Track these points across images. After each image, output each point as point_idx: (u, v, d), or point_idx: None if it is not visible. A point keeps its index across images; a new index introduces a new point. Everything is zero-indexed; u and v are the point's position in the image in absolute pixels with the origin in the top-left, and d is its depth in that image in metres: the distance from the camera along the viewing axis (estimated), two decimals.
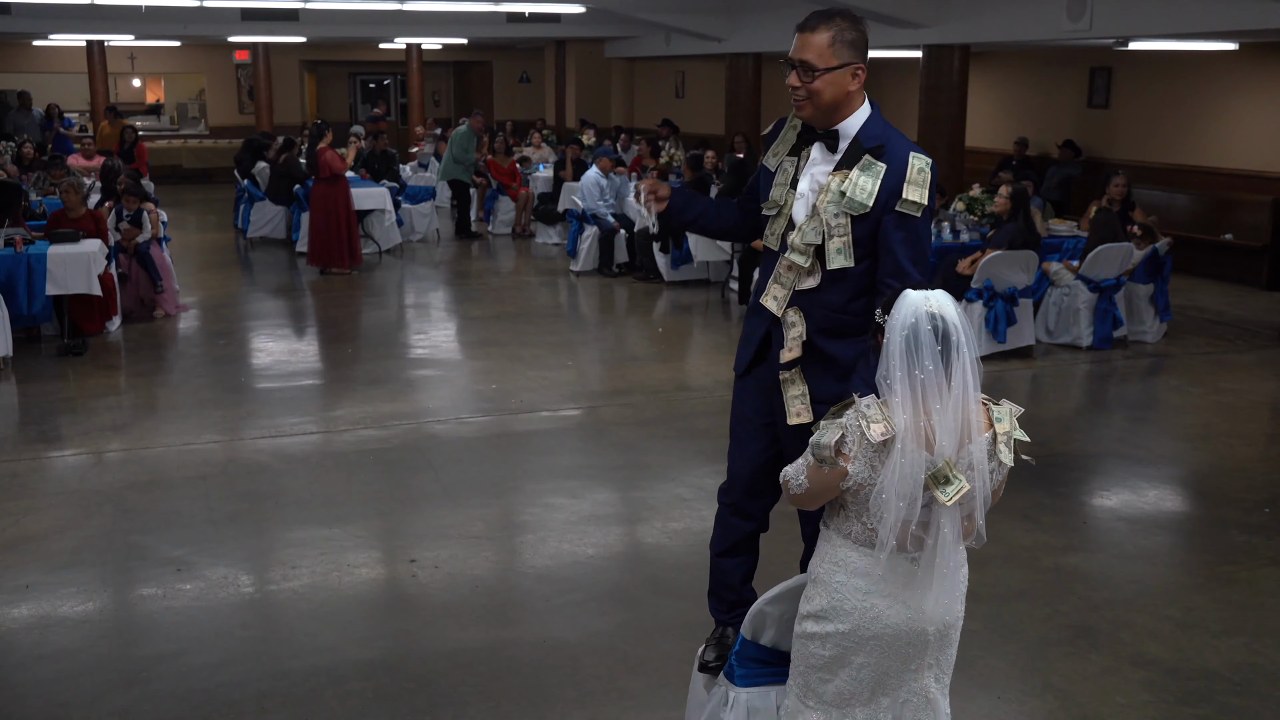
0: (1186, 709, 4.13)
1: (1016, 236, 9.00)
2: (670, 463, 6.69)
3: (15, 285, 8.87)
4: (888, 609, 2.87)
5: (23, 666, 4.42)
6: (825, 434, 2.82)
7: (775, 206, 3.47)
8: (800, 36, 3.30)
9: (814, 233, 3.33)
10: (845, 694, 2.97)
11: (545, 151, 18.10)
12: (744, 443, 3.66)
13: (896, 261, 3.27)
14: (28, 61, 23.34)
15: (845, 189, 3.28)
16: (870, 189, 3.27)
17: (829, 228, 3.31)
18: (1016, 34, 11.63)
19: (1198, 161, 13.46)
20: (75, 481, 6.40)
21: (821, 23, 3.28)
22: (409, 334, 10.26)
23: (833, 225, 3.30)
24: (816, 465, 2.84)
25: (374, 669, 4.38)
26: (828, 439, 2.81)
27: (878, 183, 3.27)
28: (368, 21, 19.69)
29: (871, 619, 2.88)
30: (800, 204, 3.40)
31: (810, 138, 3.42)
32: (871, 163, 3.28)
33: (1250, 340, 9.93)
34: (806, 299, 3.40)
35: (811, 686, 3.01)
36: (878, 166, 3.28)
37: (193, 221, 17.25)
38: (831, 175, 3.33)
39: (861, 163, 3.29)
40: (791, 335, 3.40)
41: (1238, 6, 9.24)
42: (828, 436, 2.81)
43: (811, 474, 2.86)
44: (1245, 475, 6.61)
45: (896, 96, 17.83)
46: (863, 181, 3.27)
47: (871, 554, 2.83)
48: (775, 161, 3.52)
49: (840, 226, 3.30)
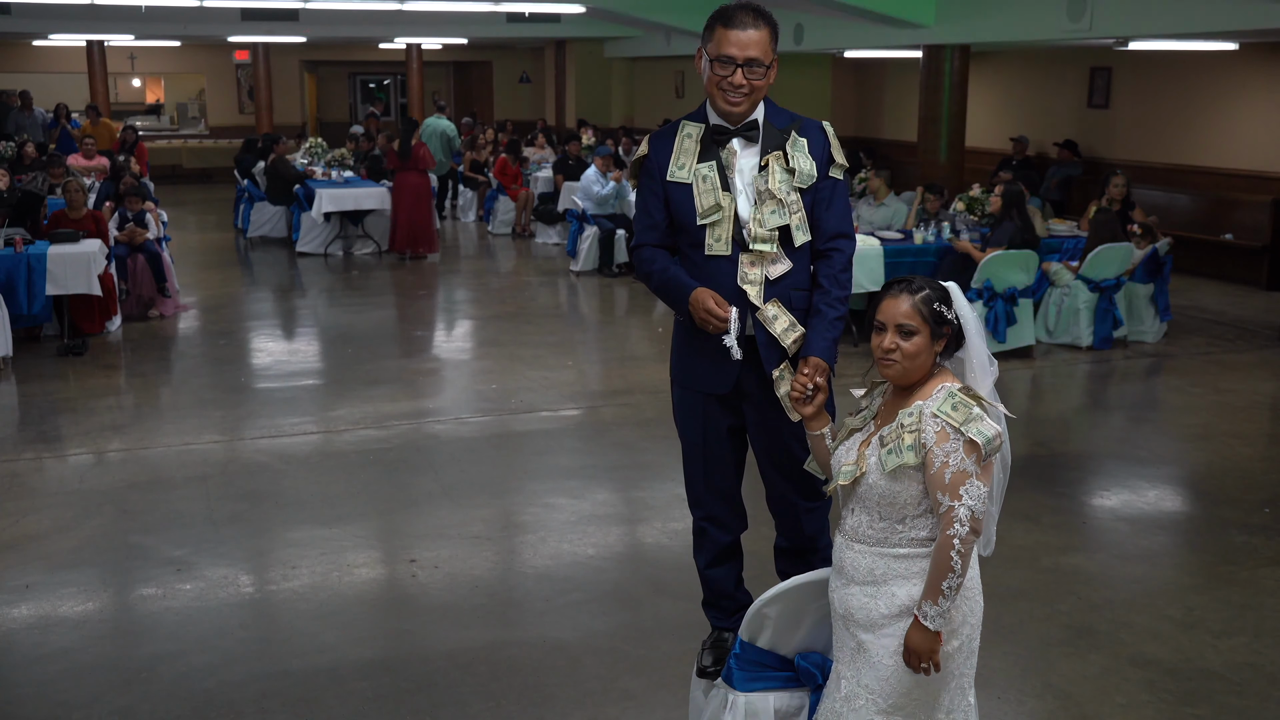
0: (1186, 709, 4.13)
1: (1015, 235, 9.01)
2: (670, 463, 6.67)
3: (15, 285, 8.87)
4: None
5: (23, 666, 4.42)
6: (982, 424, 2.75)
7: (716, 212, 3.34)
8: (740, 34, 3.30)
9: (774, 216, 3.33)
10: (964, 677, 3.05)
11: (547, 151, 18.11)
12: (718, 461, 3.54)
13: (839, 222, 3.41)
14: (28, 61, 23.34)
15: (793, 165, 3.35)
16: (810, 162, 3.38)
17: (787, 206, 3.32)
18: (1016, 34, 11.63)
19: (1198, 161, 13.46)
20: (75, 481, 6.40)
21: (759, 18, 3.33)
22: (409, 334, 10.26)
23: (789, 203, 3.34)
24: (987, 463, 2.77)
25: (374, 669, 4.38)
26: (988, 430, 2.75)
27: (811, 155, 3.39)
28: (368, 21, 19.70)
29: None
30: (742, 199, 3.36)
31: (722, 137, 3.39)
32: (796, 139, 3.39)
33: (1250, 340, 9.93)
34: (780, 286, 3.36)
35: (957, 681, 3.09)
36: (801, 141, 3.39)
37: (193, 221, 17.25)
38: (766, 158, 3.36)
39: (790, 140, 3.38)
40: (779, 329, 3.35)
41: (1238, 6, 9.24)
42: (987, 427, 2.76)
43: (984, 475, 2.78)
44: (1245, 475, 6.61)
45: (896, 96, 17.84)
46: (800, 158, 3.37)
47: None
48: (686, 174, 3.40)
49: (796, 203, 3.36)
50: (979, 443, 2.73)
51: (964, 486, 2.73)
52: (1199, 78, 13.35)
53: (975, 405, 2.78)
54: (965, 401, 2.78)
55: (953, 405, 2.77)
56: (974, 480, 2.74)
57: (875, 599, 2.89)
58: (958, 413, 2.76)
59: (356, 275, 12.85)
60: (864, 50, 14.04)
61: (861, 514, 2.92)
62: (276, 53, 22.90)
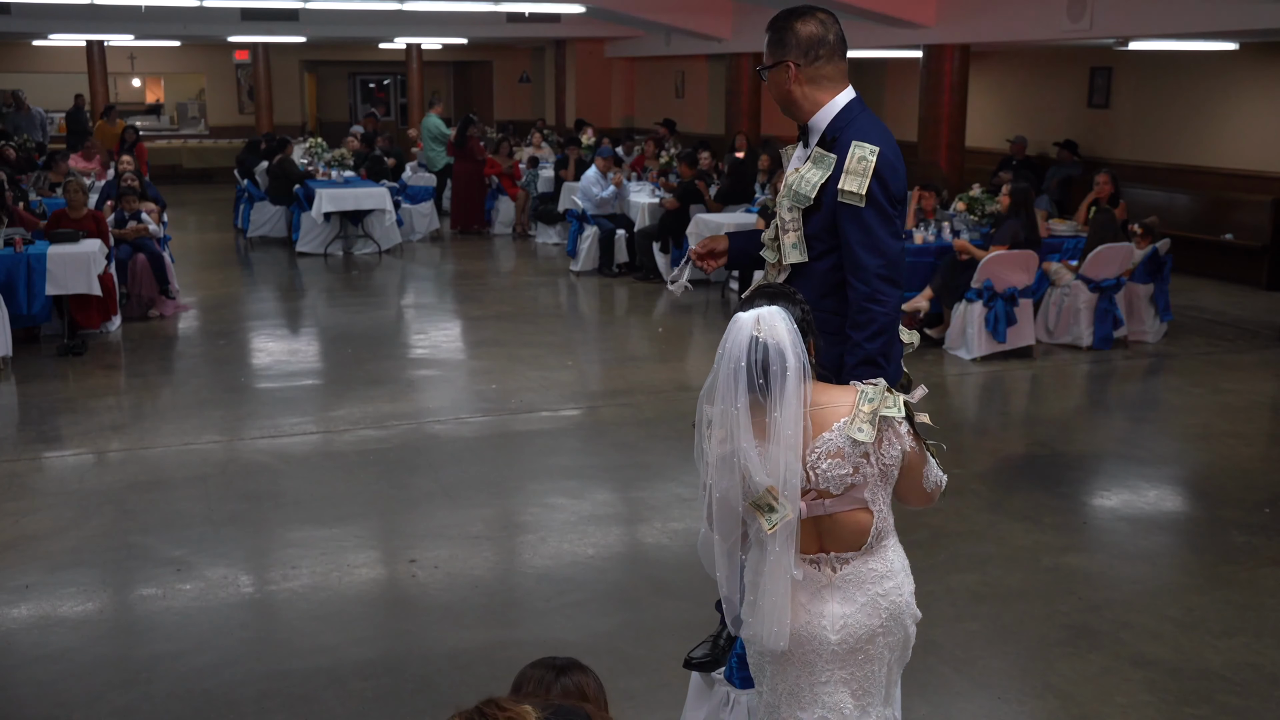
0: (1186, 709, 4.13)
1: (1019, 233, 9.00)
2: (670, 463, 6.69)
3: (15, 285, 8.87)
4: None
5: (23, 666, 4.41)
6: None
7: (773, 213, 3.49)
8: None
9: (774, 228, 3.35)
10: (772, 708, 2.91)
11: (545, 151, 18.12)
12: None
13: (851, 254, 3.19)
14: (28, 61, 23.34)
15: (792, 182, 3.27)
16: (815, 181, 3.22)
17: (782, 222, 3.31)
18: (1016, 34, 11.64)
19: (1198, 161, 13.46)
20: (75, 481, 6.39)
21: (769, 23, 3.33)
22: (409, 334, 10.26)
23: (786, 219, 3.30)
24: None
25: (374, 669, 4.38)
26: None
27: (826, 174, 3.21)
28: (368, 21, 19.70)
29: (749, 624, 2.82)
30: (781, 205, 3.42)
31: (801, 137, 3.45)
32: (823, 155, 3.24)
33: (1250, 340, 9.93)
34: None
35: (759, 702, 2.98)
36: (829, 158, 3.22)
37: (193, 221, 17.25)
38: (798, 168, 3.32)
39: (814, 155, 3.26)
40: None
41: (1238, 6, 9.25)
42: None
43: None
44: (1245, 475, 6.61)
45: (897, 96, 17.84)
46: (810, 174, 3.24)
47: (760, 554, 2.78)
48: (786, 159, 3.54)
49: (793, 220, 3.27)
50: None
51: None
52: (1199, 78, 13.35)
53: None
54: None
55: None
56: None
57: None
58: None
59: (356, 275, 12.85)
60: (864, 50, 14.03)
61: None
62: (276, 53, 22.89)
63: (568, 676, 2.44)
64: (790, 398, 2.63)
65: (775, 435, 2.64)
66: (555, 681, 2.42)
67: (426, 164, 17.05)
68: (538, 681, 2.44)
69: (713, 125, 19.79)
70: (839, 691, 2.82)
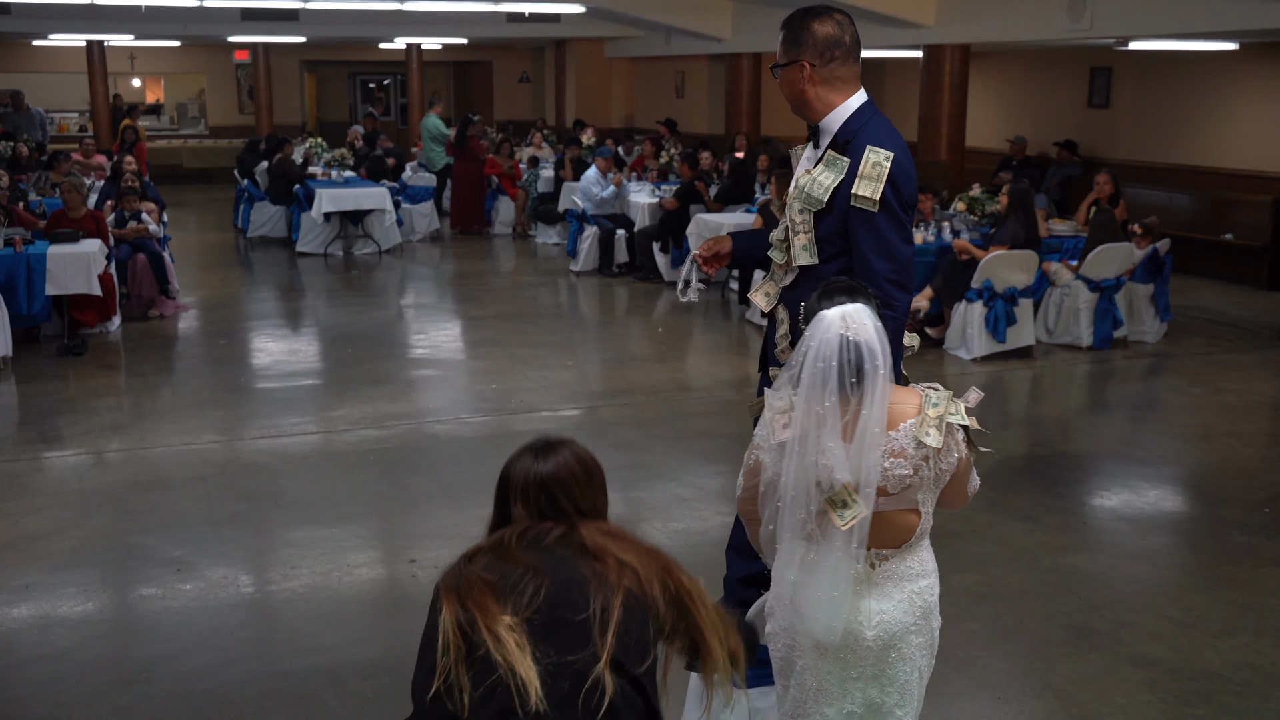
0: (1186, 709, 4.13)
1: (1019, 234, 9.00)
2: (670, 463, 6.69)
3: (15, 285, 8.87)
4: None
5: (23, 666, 4.41)
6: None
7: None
8: None
9: (783, 229, 3.35)
10: (798, 703, 2.91)
11: (546, 151, 18.12)
12: None
13: (862, 258, 3.19)
14: (28, 61, 23.33)
15: (804, 184, 3.25)
16: (828, 184, 3.20)
17: (793, 224, 3.30)
18: (1016, 34, 11.64)
19: (1198, 161, 13.46)
20: (75, 481, 6.39)
21: (784, 21, 3.33)
22: (409, 334, 10.26)
23: (796, 221, 3.28)
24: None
25: (374, 669, 4.38)
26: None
27: (839, 177, 3.19)
28: (368, 21, 19.69)
29: (799, 616, 2.82)
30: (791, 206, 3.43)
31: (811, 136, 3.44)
32: (836, 158, 3.22)
33: (1250, 340, 9.93)
34: (788, 296, 3.40)
35: (783, 698, 2.98)
36: (841, 162, 3.20)
37: (193, 221, 17.25)
38: (809, 169, 3.30)
39: (827, 157, 3.24)
40: (779, 333, 3.41)
41: (1238, 6, 9.25)
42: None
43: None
44: (1245, 475, 6.61)
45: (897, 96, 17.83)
46: (822, 177, 3.22)
47: (804, 544, 2.75)
48: (796, 159, 3.54)
49: (804, 223, 3.26)
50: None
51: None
52: (1199, 78, 13.35)
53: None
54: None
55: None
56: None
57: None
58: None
59: (356, 275, 12.85)
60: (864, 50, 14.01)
61: None
62: (276, 53, 22.88)
63: (550, 459, 2.42)
64: (880, 397, 2.64)
65: (861, 433, 2.65)
66: (544, 474, 2.40)
67: (426, 164, 17.07)
68: (524, 489, 2.40)
69: (713, 125, 19.79)
70: (869, 688, 2.85)
